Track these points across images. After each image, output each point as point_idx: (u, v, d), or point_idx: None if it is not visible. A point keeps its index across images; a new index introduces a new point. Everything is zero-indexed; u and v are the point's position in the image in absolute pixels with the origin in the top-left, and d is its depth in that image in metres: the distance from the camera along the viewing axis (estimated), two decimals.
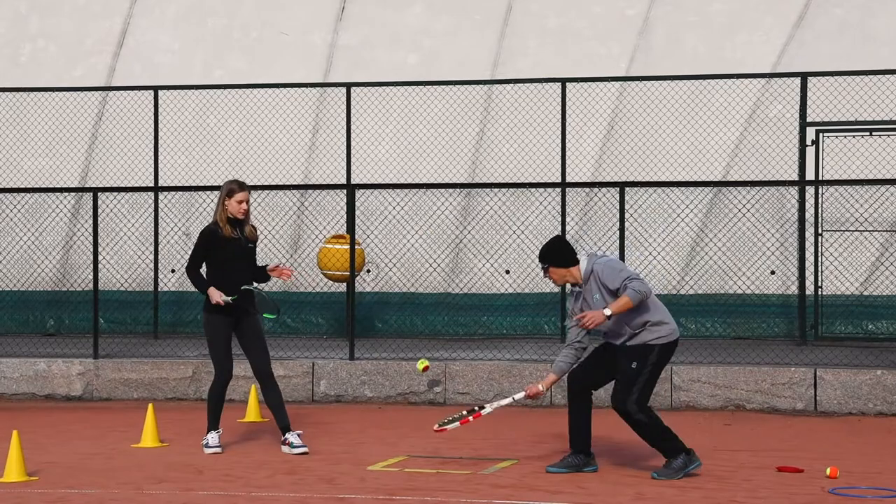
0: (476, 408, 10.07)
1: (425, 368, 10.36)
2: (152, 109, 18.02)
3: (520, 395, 10.07)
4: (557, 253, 9.86)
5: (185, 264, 11.03)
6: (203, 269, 11.04)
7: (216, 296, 10.74)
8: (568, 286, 9.98)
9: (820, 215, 16.18)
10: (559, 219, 16.69)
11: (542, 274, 10.02)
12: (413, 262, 17.46)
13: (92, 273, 15.26)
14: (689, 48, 17.95)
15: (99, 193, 15.44)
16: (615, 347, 9.81)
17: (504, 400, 10.23)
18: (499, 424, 12.55)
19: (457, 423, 10.00)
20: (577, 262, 9.80)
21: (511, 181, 17.10)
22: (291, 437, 10.87)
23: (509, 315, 17.24)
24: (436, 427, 10.02)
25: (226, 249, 10.82)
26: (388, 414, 13.37)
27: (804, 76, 16.45)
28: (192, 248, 11.02)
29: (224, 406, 11.08)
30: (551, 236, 16.67)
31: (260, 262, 11.24)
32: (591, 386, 10.00)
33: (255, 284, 10.96)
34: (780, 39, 17.75)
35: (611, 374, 9.87)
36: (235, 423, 12.45)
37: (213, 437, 10.92)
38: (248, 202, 10.86)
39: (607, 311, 9.49)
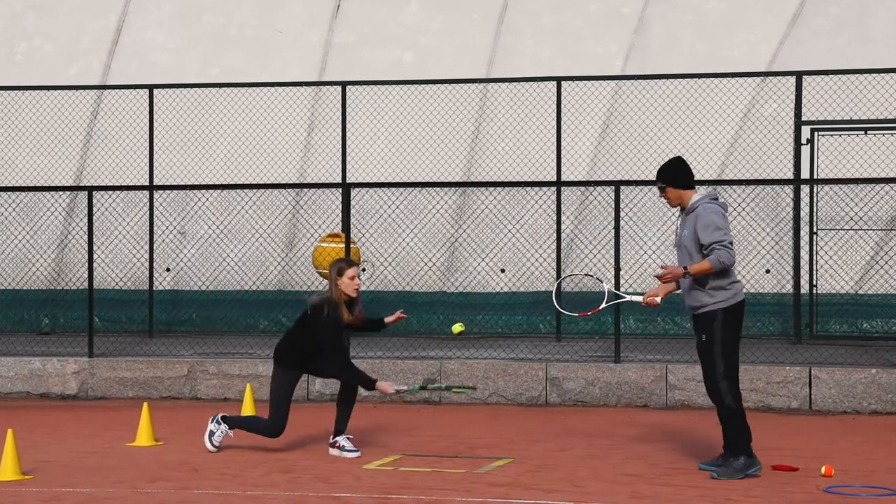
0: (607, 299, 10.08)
1: (460, 332, 10.57)
2: (147, 108, 18.01)
3: (637, 298, 9.99)
4: (675, 172, 9.67)
5: (330, 353, 10.60)
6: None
7: (389, 389, 10.67)
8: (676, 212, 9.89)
9: (815, 214, 16.19)
10: (555, 217, 16.71)
11: (659, 194, 9.76)
12: (408, 260, 17.45)
13: (87, 271, 15.24)
14: (685, 46, 17.96)
15: (94, 192, 15.42)
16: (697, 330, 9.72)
17: (628, 297, 10.12)
18: (494, 423, 12.55)
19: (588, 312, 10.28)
20: (692, 187, 9.65)
21: (506, 180, 17.10)
22: (343, 440, 10.76)
23: (504, 314, 17.23)
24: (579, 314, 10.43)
25: (335, 332, 10.68)
26: (384, 412, 13.37)
27: (799, 74, 16.45)
28: (325, 336, 10.57)
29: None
30: (550, 238, 16.84)
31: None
32: None
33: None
34: (776, 38, 17.76)
35: None
36: None
37: (220, 432, 10.82)
38: (358, 277, 10.65)
39: (687, 272, 9.44)
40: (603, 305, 10.08)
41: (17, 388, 14.67)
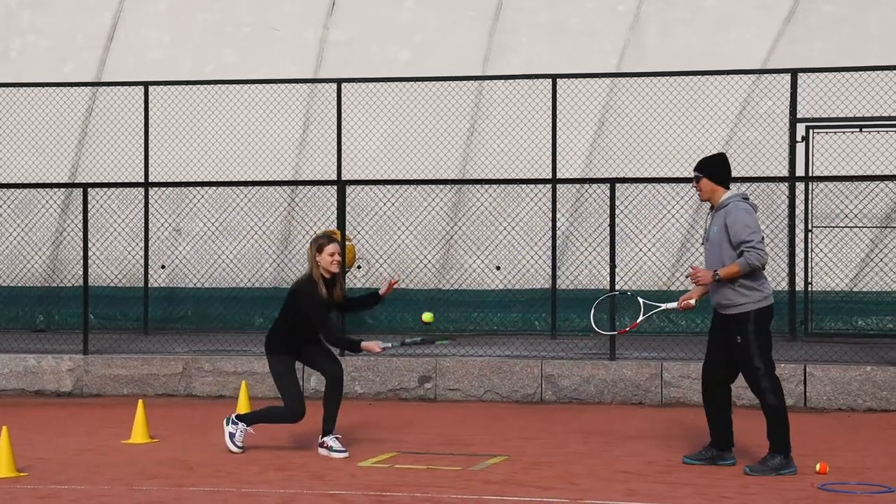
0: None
1: (429, 320, 10.55)
2: (142, 104, 18.00)
3: (672, 305, 10.12)
4: (715, 166, 9.81)
5: (319, 327, 10.47)
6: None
7: (376, 348, 10.56)
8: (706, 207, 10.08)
9: (810, 211, 16.20)
10: (550, 215, 16.71)
11: (693, 185, 9.88)
12: (403, 258, 17.45)
13: (82, 269, 15.23)
14: (680, 44, 17.96)
15: (89, 189, 15.40)
16: (722, 328, 9.76)
17: (663, 305, 10.22)
18: (490, 421, 12.55)
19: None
20: (727, 186, 9.77)
21: (502, 177, 17.10)
22: (331, 440, 10.63)
23: (500, 311, 17.24)
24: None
25: (316, 305, 10.50)
26: (379, 410, 13.37)
27: (794, 72, 16.46)
28: (308, 311, 10.43)
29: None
30: (545, 236, 16.84)
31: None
32: (723, 379, 9.93)
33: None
34: (771, 35, 17.77)
35: (732, 360, 9.81)
36: None
37: (240, 431, 10.74)
38: (339, 254, 10.51)
39: (717, 275, 9.54)
40: (640, 319, 10.24)
41: (12, 385, 14.66)
